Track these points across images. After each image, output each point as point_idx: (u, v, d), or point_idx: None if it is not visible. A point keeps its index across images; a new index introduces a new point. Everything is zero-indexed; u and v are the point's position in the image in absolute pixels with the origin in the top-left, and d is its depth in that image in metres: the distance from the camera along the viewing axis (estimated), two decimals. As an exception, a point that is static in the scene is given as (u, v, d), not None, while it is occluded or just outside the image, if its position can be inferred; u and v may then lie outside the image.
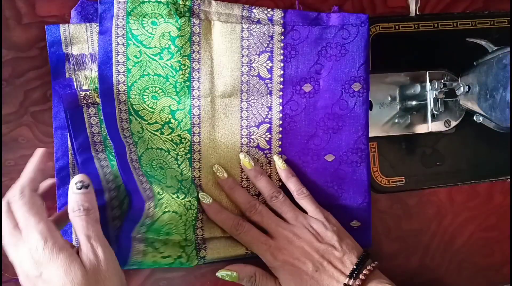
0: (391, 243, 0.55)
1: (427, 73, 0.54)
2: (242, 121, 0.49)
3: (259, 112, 0.49)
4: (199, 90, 0.47)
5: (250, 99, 0.48)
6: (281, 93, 0.49)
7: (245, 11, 0.47)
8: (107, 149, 0.46)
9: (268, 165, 0.49)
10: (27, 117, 0.47)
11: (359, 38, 0.48)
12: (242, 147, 0.49)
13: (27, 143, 0.47)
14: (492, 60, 0.51)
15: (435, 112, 0.53)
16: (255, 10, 0.47)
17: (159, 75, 0.46)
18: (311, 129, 0.49)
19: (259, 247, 0.45)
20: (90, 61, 0.46)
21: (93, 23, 0.46)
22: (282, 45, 0.48)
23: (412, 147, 0.55)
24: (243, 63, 0.48)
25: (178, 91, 0.47)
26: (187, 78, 0.47)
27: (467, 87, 0.52)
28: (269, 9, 0.48)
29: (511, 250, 0.57)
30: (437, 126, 0.54)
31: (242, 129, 0.49)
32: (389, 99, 0.54)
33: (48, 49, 0.46)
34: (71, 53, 0.46)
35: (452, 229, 0.56)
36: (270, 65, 0.48)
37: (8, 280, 0.47)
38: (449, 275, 0.56)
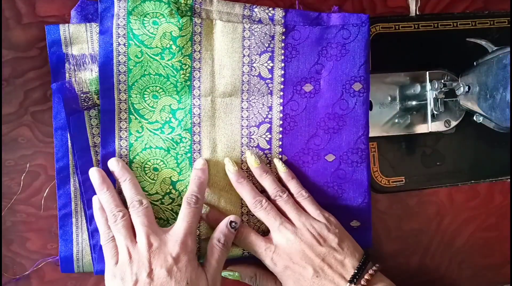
0: (391, 243, 0.55)
1: (427, 73, 0.54)
2: (242, 120, 0.49)
3: (260, 112, 0.49)
4: (199, 89, 0.47)
5: (250, 99, 0.48)
6: (281, 93, 0.49)
7: (246, 10, 0.47)
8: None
9: (268, 165, 0.49)
10: (27, 117, 0.47)
11: (360, 38, 0.48)
12: (242, 146, 0.49)
13: (27, 143, 0.47)
14: (492, 60, 0.51)
15: (435, 112, 0.53)
16: (256, 9, 0.47)
17: (160, 75, 0.46)
18: (311, 129, 0.49)
19: (259, 252, 0.46)
20: (90, 62, 0.46)
21: (93, 23, 0.46)
22: (283, 45, 0.48)
23: (412, 147, 0.55)
24: (244, 63, 0.48)
25: (178, 90, 0.47)
26: (188, 77, 0.47)
27: (467, 87, 0.52)
28: (270, 8, 0.48)
29: (511, 250, 0.57)
30: (437, 126, 0.54)
31: (242, 129, 0.49)
32: (389, 99, 0.54)
33: (48, 49, 0.46)
34: (71, 53, 0.46)
35: (452, 229, 0.56)
36: (271, 65, 0.48)
37: (8, 280, 0.47)
38: (449, 275, 0.56)
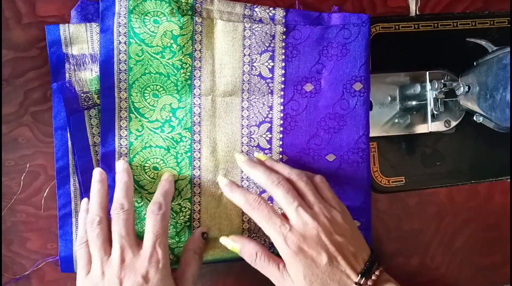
0: (391, 243, 0.55)
1: (427, 73, 0.54)
2: (242, 120, 0.49)
3: (260, 111, 0.49)
4: (200, 88, 0.47)
5: (251, 98, 0.48)
6: (282, 93, 0.49)
7: (247, 9, 0.47)
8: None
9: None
10: (27, 117, 0.47)
11: (360, 38, 0.48)
12: (242, 146, 0.49)
13: (27, 143, 0.47)
14: (492, 60, 0.51)
15: (435, 112, 0.53)
16: (257, 9, 0.47)
17: (160, 74, 0.46)
18: (312, 129, 0.49)
19: (272, 229, 0.41)
20: (90, 61, 0.46)
21: (93, 23, 0.46)
22: (283, 44, 0.48)
23: (412, 147, 0.55)
24: (244, 62, 0.48)
25: (179, 89, 0.47)
26: (188, 76, 0.47)
27: (467, 87, 0.52)
28: (271, 8, 0.48)
29: (511, 250, 0.57)
30: (437, 126, 0.54)
31: (242, 128, 0.49)
32: (389, 99, 0.54)
33: (48, 49, 0.46)
34: (71, 53, 0.46)
35: (452, 229, 0.56)
36: (271, 64, 0.48)
37: (8, 280, 0.47)
38: (449, 275, 0.56)
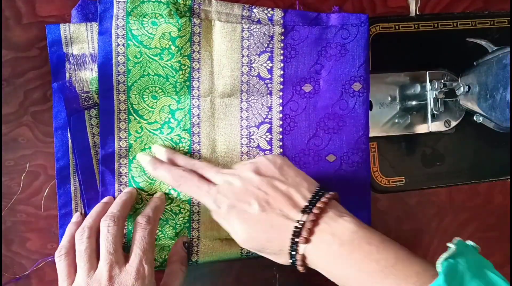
0: (391, 243, 0.55)
1: (427, 73, 0.54)
2: (242, 121, 0.49)
3: (259, 112, 0.49)
4: (199, 90, 0.47)
5: (250, 99, 0.48)
6: (281, 94, 0.49)
7: (245, 10, 0.47)
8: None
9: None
10: (27, 117, 0.47)
11: (359, 38, 0.48)
12: (242, 147, 0.49)
13: (27, 143, 0.47)
14: (492, 60, 0.51)
15: (435, 112, 0.53)
16: (255, 10, 0.47)
17: (159, 75, 0.46)
18: (311, 130, 0.49)
19: (201, 195, 0.42)
20: (90, 61, 0.46)
21: (93, 23, 0.46)
22: (282, 45, 0.48)
23: (412, 147, 0.55)
24: (243, 63, 0.48)
25: (178, 91, 0.47)
26: (187, 78, 0.47)
27: (467, 87, 0.52)
28: (269, 9, 0.48)
29: (511, 250, 0.57)
30: (437, 126, 0.54)
31: (242, 129, 0.49)
32: (389, 99, 0.54)
33: (48, 48, 0.46)
34: (71, 53, 0.46)
35: (452, 229, 0.56)
36: (270, 65, 0.48)
37: (8, 280, 0.47)
38: (449, 275, 0.56)
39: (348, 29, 0.48)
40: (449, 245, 0.34)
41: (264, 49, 0.48)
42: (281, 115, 0.49)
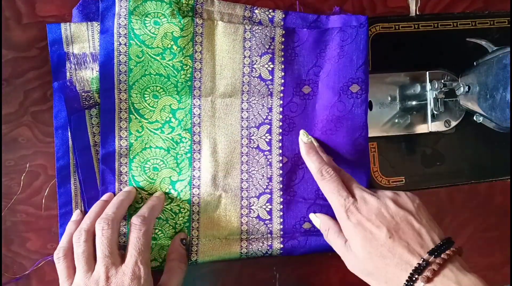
0: (391, 243, 0.55)
1: (427, 73, 0.54)
2: (242, 121, 0.49)
3: (260, 113, 0.49)
4: (200, 89, 0.47)
5: (250, 100, 0.48)
6: (281, 95, 0.49)
7: (247, 11, 0.47)
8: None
9: (269, 167, 0.49)
10: (27, 117, 0.47)
11: (358, 39, 0.48)
12: (242, 147, 0.49)
13: (27, 143, 0.47)
14: (492, 60, 0.51)
15: (435, 112, 0.53)
16: (256, 10, 0.47)
17: (160, 75, 0.46)
18: (310, 131, 0.49)
19: (336, 201, 0.43)
20: (91, 61, 0.46)
21: (94, 22, 0.46)
22: (282, 47, 0.48)
23: (412, 147, 0.55)
24: (244, 64, 0.48)
25: (179, 90, 0.47)
26: (188, 78, 0.47)
27: (467, 87, 0.52)
28: (270, 10, 0.48)
29: (511, 250, 0.57)
30: (437, 126, 0.54)
31: (242, 130, 0.49)
32: (389, 99, 0.54)
33: (49, 48, 0.46)
34: (72, 52, 0.46)
35: (452, 229, 0.56)
36: (271, 66, 0.48)
37: (8, 280, 0.47)
38: (449, 275, 0.56)
39: (347, 31, 0.48)
40: None
41: (265, 50, 0.48)
42: (281, 116, 0.49)
